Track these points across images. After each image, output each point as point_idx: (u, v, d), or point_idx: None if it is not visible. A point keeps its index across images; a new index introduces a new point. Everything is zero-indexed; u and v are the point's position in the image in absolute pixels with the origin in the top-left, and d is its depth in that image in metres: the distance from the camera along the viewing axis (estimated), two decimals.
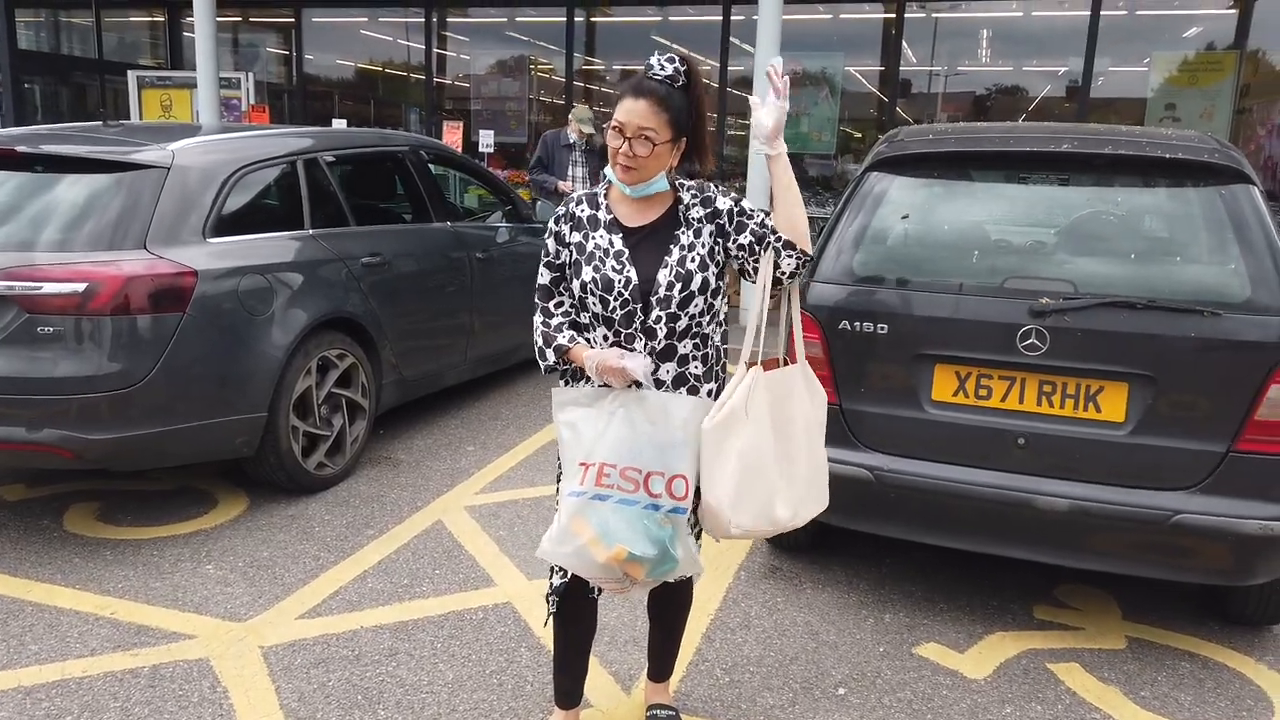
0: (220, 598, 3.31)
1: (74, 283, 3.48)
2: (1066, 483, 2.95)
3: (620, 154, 2.15)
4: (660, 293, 2.18)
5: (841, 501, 3.20)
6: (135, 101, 11.70)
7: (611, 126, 2.16)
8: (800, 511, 2.32)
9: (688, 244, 2.22)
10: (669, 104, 2.13)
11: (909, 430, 3.14)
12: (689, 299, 2.20)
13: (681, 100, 2.15)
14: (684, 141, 2.21)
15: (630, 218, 2.27)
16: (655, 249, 2.23)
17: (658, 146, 2.14)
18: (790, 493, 2.28)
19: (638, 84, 2.14)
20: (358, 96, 14.19)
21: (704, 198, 2.27)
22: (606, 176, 2.29)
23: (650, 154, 2.14)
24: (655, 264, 2.21)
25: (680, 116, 2.15)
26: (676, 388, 2.25)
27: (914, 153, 3.36)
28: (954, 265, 3.19)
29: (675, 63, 2.15)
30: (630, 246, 2.23)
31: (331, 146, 4.82)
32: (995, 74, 12.21)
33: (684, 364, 2.26)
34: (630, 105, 2.13)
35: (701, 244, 2.23)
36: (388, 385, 4.76)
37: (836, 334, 3.20)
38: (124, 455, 3.64)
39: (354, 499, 4.22)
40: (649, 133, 2.12)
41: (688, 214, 2.25)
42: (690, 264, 2.20)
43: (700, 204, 2.25)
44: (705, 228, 2.24)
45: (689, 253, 2.21)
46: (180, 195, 3.85)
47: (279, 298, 4.06)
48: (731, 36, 11.55)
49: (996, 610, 3.34)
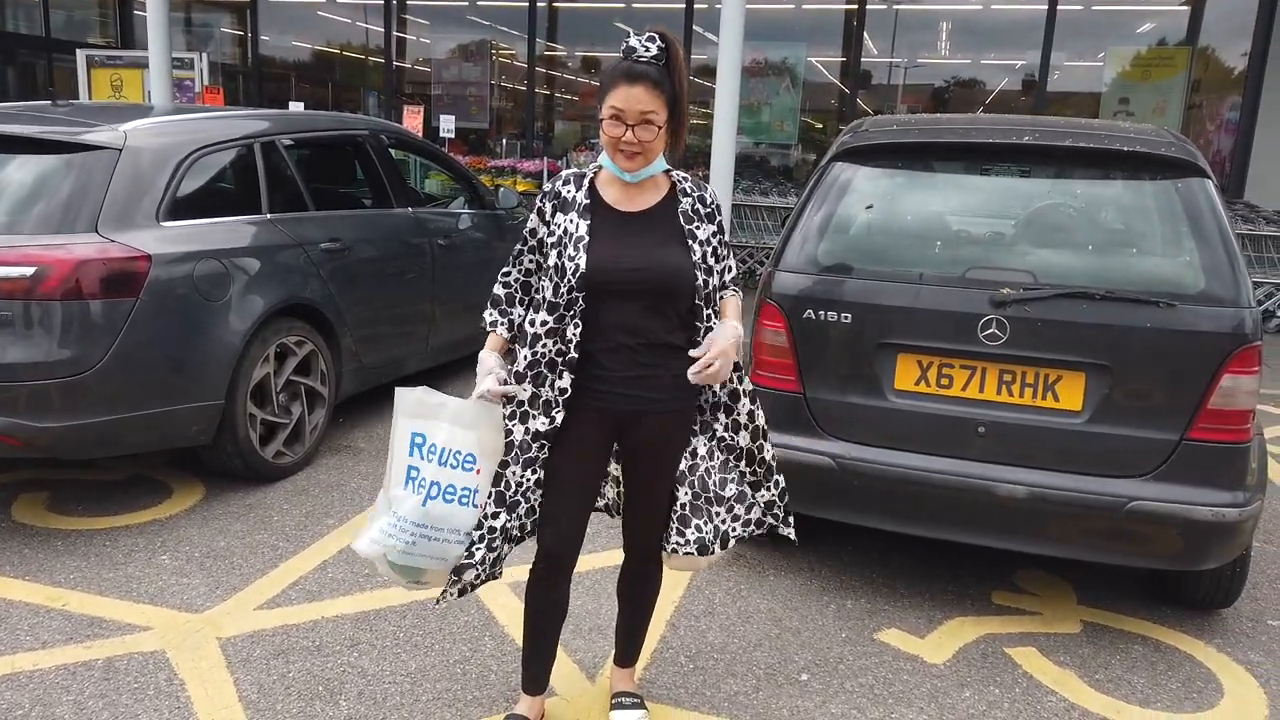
0: (176, 588, 3.25)
1: (22, 266, 3.37)
2: (1025, 470, 3.00)
3: (624, 142, 2.14)
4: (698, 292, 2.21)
5: (805, 490, 3.26)
6: (84, 81, 11.38)
7: (609, 115, 2.13)
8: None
9: (703, 238, 2.25)
10: (663, 85, 2.13)
11: (872, 419, 3.17)
12: (714, 293, 2.28)
13: (669, 78, 2.16)
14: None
15: (623, 202, 2.25)
16: (661, 242, 2.21)
17: (657, 129, 2.14)
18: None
19: (630, 69, 2.13)
20: (315, 79, 13.96)
21: (702, 196, 2.29)
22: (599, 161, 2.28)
23: (655, 138, 2.15)
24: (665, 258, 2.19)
25: (672, 95, 2.16)
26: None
27: (878, 143, 3.37)
28: (916, 255, 3.22)
29: (658, 41, 2.15)
30: (627, 234, 2.21)
31: (290, 129, 4.72)
32: (954, 66, 12.36)
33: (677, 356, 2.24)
34: (628, 92, 2.11)
35: (705, 239, 2.26)
36: (348, 373, 4.69)
37: (800, 322, 3.21)
38: (75, 443, 3.55)
39: (313, 488, 4.16)
40: (651, 115, 2.12)
41: (694, 207, 2.27)
42: (710, 259, 2.25)
43: (700, 201, 2.28)
44: (709, 226, 2.28)
45: (704, 248, 2.25)
46: (133, 177, 3.75)
47: (236, 283, 3.98)
48: (694, 25, 11.54)
49: (956, 596, 3.39)
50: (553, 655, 2.52)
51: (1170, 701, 2.82)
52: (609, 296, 2.17)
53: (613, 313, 2.18)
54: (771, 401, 3.28)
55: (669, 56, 2.16)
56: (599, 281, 2.16)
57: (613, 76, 2.14)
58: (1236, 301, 2.87)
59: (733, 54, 8.04)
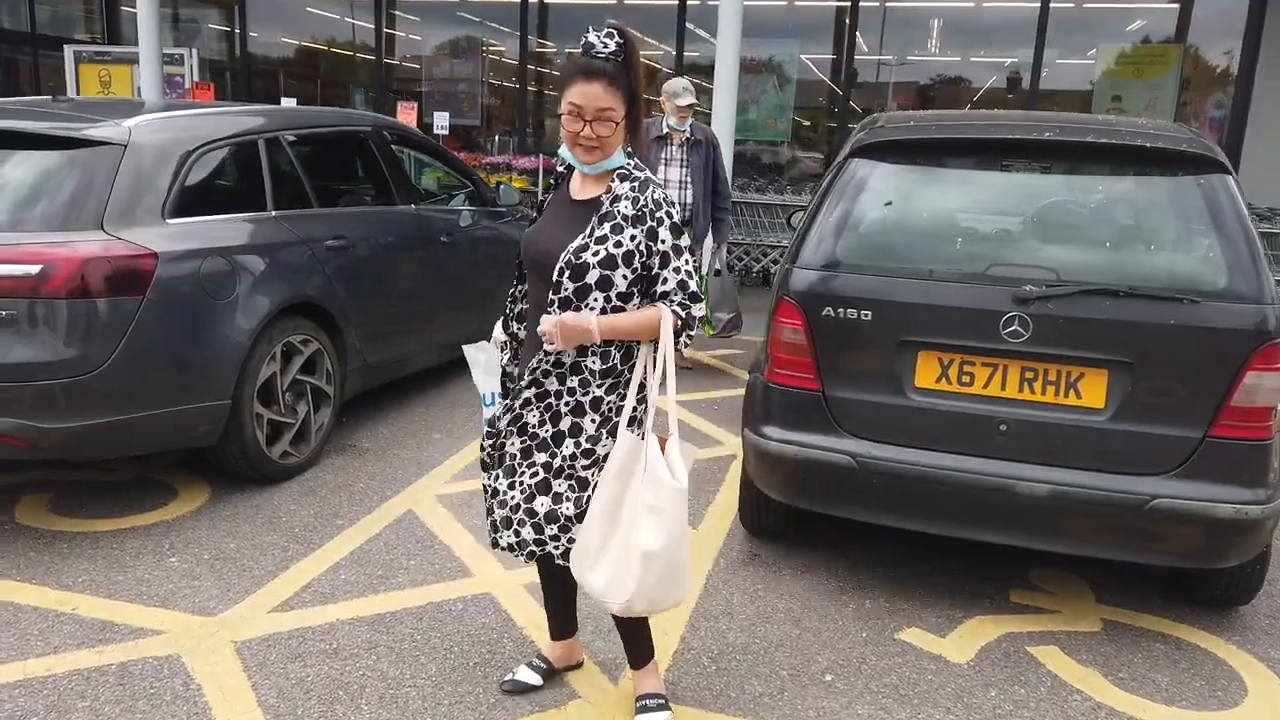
0: (187, 591, 3.20)
1: (27, 264, 3.31)
2: (1047, 468, 2.99)
3: (582, 137, 2.18)
4: (552, 276, 2.23)
5: (824, 488, 3.25)
6: (72, 77, 11.24)
7: (567, 111, 2.18)
8: (608, 593, 2.27)
9: (597, 235, 2.21)
10: (620, 80, 2.18)
11: (892, 417, 3.15)
12: (584, 291, 2.21)
13: (624, 74, 2.19)
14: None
15: (576, 190, 2.35)
16: (572, 230, 2.26)
17: (616, 124, 2.19)
18: (603, 568, 2.27)
19: (587, 65, 2.16)
20: (303, 75, 13.83)
21: (637, 198, 2.22)
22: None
23: (612, 133, 2.19)
24: (561, 244, 2.25)
25: (628, 89, 2.19)
26: (573, 374, 2.28)
27: (896, 139, 3.35)
28: (937, 252, 3.20)
29: (615, 38, 2.18)
30: (558, 218, 2.32)
31: (294, 125, 4.66)
32: (945, 64, 12.36)
33: (582, 353, 2.27)
34: (585, 88, 2.15)
35: (617, 242, 2.20)
36: (353, 372, 4.64)
37: (819, 320, 3.19)
38: (82, 444, 3.49)
39: (321, 488, 4.11)
40: (609, 112, 2.17)
41: (613, 205, 2.23)
42: (590, 255, 2.20)
43: (631, 203, 2.22)
44: (628, 229, 2.21)
45: (593, 244, 2.20)
46: (138, 174, 3.69)
47: (242, 282, 3.92)
48: (687, 22, 11.50)
49: (974, 594, 3.38)
50: (570, 607, 2.70)
51: (1195, 699, 2.81)
52: (533, 276, 2.35)
53: (534, 290, 2.36)
54: (789, 400, 3.28)
55: (627, 53, 2.19)
56: (525, 259, 2.37)
57: (570, 72, 2.19)
58: (1259, 298, 2.86)
59: (731, 52, 8.02)
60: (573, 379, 2.29)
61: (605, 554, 2.27)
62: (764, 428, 3.31)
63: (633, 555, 2.22)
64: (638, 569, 2.21)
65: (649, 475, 2.24)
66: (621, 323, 2.24)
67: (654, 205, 2.24)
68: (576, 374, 2.29)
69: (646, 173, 2.30)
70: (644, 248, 2.22)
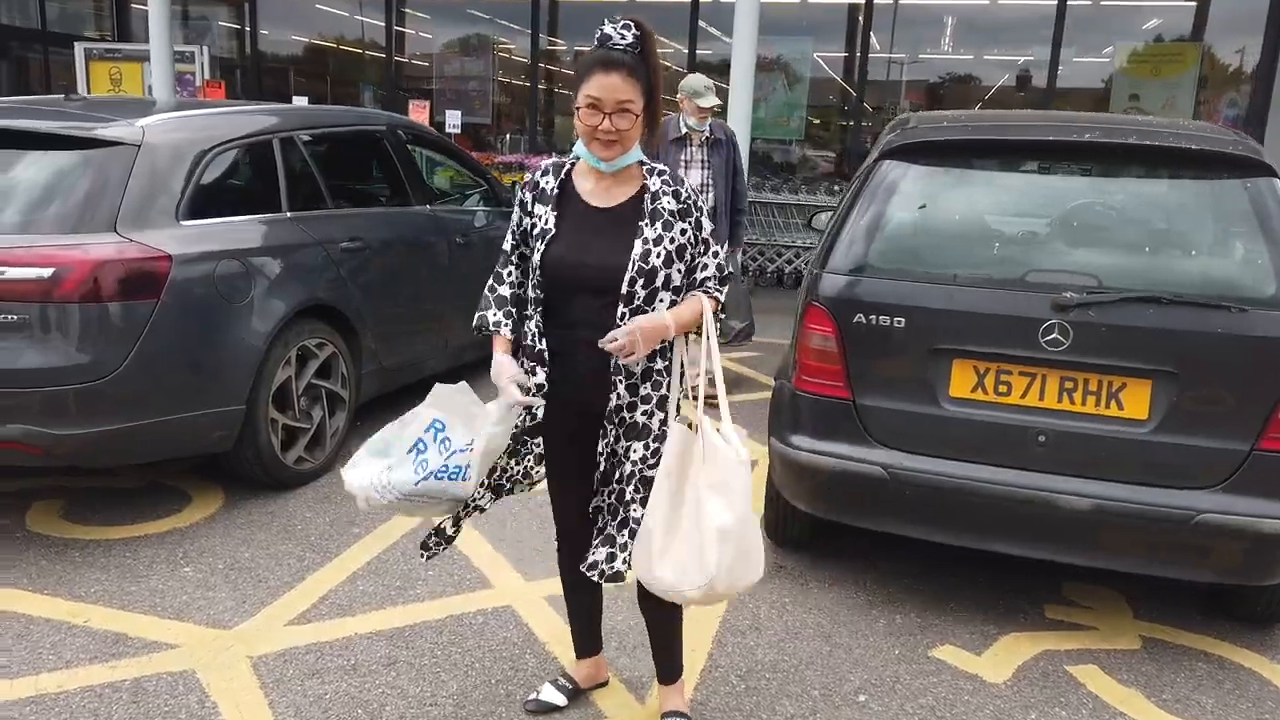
0: (202, 603, 3.12)
1: (39, 267, 3.24)
2: (1088, 481, 2.90)
3: (601, 130, 2.11)
4: (624, 289, 2.15)
5: (855, 500, 3.17)
6: (82, 75, 11.19)
7: (585, 104, 2.11)
8: (681, 582, 2.13)
9: (653, 237, 2.17)
10: (638, 72, 2.12)
11: (925, 427, 3.06)
12: (653, 295, 2.18)
13: (643, 66, 2.13)
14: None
15: (597, 195, 2.24)
16: (621, 238, 2.19)
17: (633, 116, 2.12)
18: (673, 556, 2.15)
19: (605, 57, 2.11)
20: (313, 73, 13.78)
21: (676, 191, 2.22)
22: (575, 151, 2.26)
23: (632, 126, 2.13)
24: (619, 254, 2.17)
25: (646, 82, 2.14)
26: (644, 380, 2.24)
27: (928, 140, 3.26)
28: (973, 257, 3.11)
29: (633, 29, 2.11)
30: (590, 229, 2.21)
31: (308, 125, 4.59)
32: (959, 62, 12.24)
33: (651, 359, 2.24)
34: (603, 80, 2.09)
35: (671, 239, 2.19)
36: (368, 375, 4.57)
37: (850, 327, 3.10)
38: (95, 451, 3.42)
39: (336, 495, 4.03)
40: (628, 104, 2.10)
41: (656, 204, 2.20)
42: (655, 259, 2.17)
43: (673, 196, 2.21)
44: (678, 224, 2.20)
45: (654, 247, 2.17)
46: (151, 175, 3.62)
47: (257, 284, 3.85)
48: (700, 20, 11.40)
49: (1007, 610, 3.29)
50: (596, 622, 2.64)
51: None
52: (572, 292, 2.21)
53: (579, 308, 2.21)
54: (818, 408, 3.19)
55: (644, 45, 2.13)
56: (561, 276, 2.20)
57: (588, 64, 2.13)
58: None
59: (747, 50, 7.93)
60: (645, 385, 2.25)
61: (672, 545, 2.16)
62: (792, 437, 3.22)
63: (707, 538, 2.11)
64: (715, 550, 2.10)
65: (710, 456, 2.17)
66: (684, 314, 2.23)
67: (694, 195, 2.26)
68: (648, 379, 2.25)
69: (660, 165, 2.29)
70: (693, 239, 2.23)
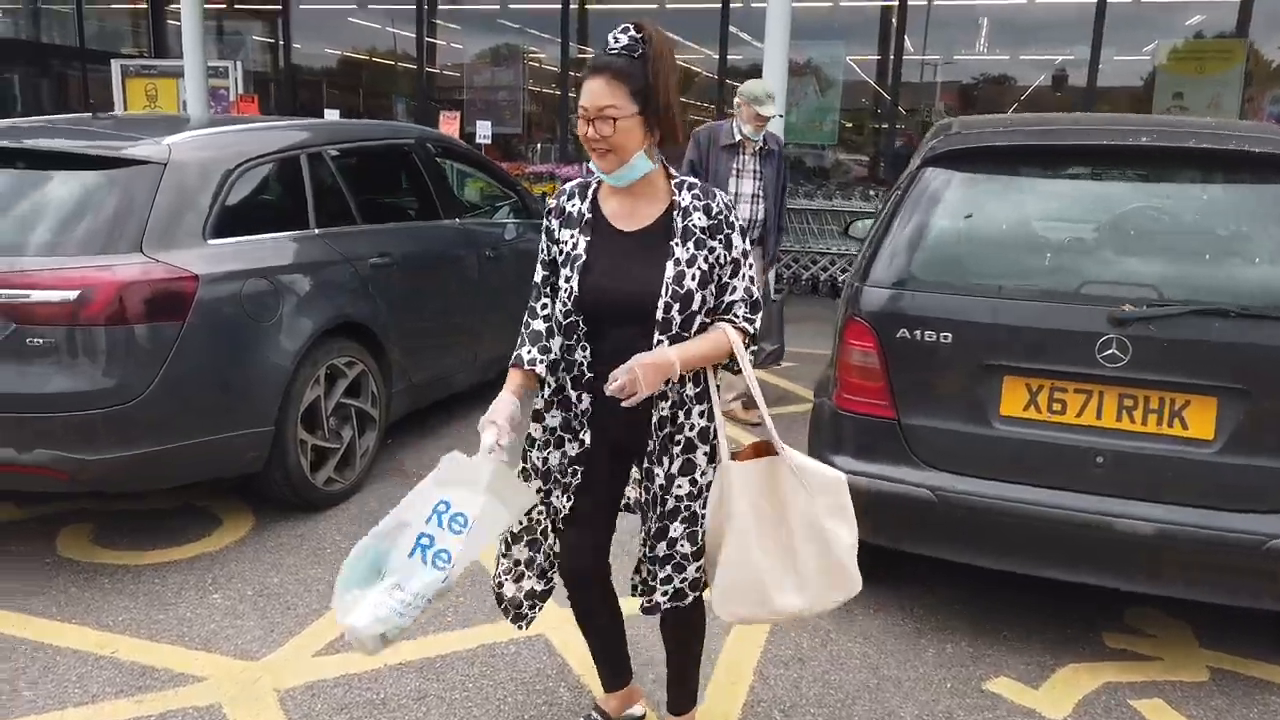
0: (230, 632, 3.06)
1: (65, 290, 3.20)
2: (1150, 505, 2.74)
3: (588, 139, 2.03)
4: (659, 315, 2.04)
5: (900, 523, 3.03)
6: (119, 91, 11.33)
7: (579, 113, 2.04)
8: (819, 601, 2.21)
9: (686, 258, 2.06)
10: (627, 75, 1.99)
11: (975, 447, 2.92)
12: (690, 320, 2.08)
13: (641, 70, 2.00)
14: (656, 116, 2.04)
15: (622, 218, 2.13)
16: (652, 261, 2.06)
17: (620, 122, 1.99)
18: (798, 583, 2.16)
19: (594, 61, 2.02)
20: (346, 86, 13.85)
21: (707, 206, 2.10)
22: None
23: (615, 132, 2.00)
24: (651, 278, 2.05)
25: (642, 87, 2.00)
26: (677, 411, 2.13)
27: (973, 147, 3.12)
28: (1023, 268, 2.96)
29: (630, 32, 2.00)
30: (620, 253, 2.10)
31: (336, 139, 4.54)
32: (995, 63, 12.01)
33: (682, 386, 2.12)
34: (589, 85, 2.01)
35: (704, 258, 2.07)
36: (398, 393, 4.50)
37: (894, 343, 2.97)
38: (123, 476, 3.38)
39: (366, 516, 3.96)
40: (609, 110, 1.99)
41: (686, 221, 2.08)
42: (690, 281, 2.06)
43: (704, 212, 2.09)
44: (709, 241, 2.08)
45: (688, 268, 2.06)
46: (178, 193, 3.57)
47: (285, 303, 3.79)
48: (730, 25, 11.29)
49: (1065, 638, 3.13)
50: (618, 655, 2.51)
51: None
52: (607, 320, 2.11)
53: (615, 336, 2.11)
54: (860, 427, 3.06)
55: (645, 48, 2.00)
56: (595, 305, 2.10)
57: (584, 72, 2.05)
58: None
59: (779, 55, 7.81)
60: (679, 416, 2.14)
61: (802, 576, 2.16)
62: (833, 457, 3.08)
63: (842, 559, 2.17)
64: (851, 565, 2.19)
65: (811, 482, 2.16)
66: (694, 351, 2.07)
67: (725, 210, 2.12)
68: (680, 408, 2.13)
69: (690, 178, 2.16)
70: (722, 258, 2.11)
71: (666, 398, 2.11)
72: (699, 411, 2.15)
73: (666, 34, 2.04)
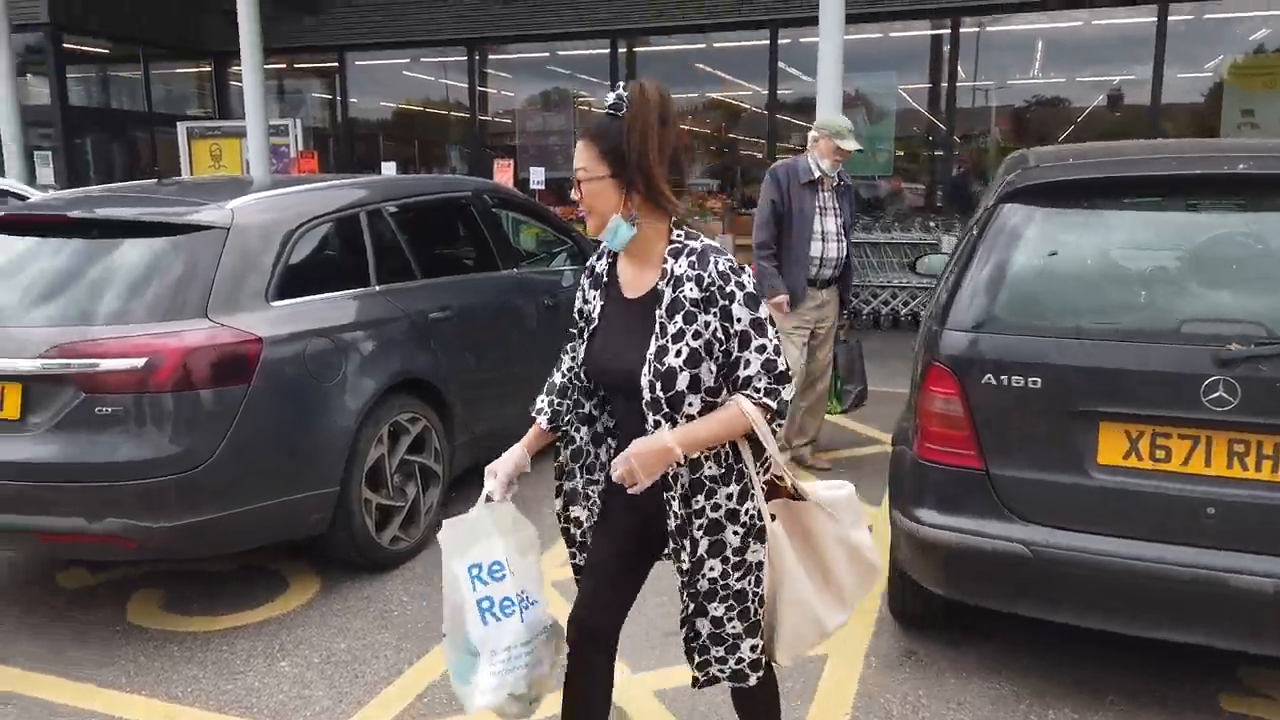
0: (298, 702, 2.99)
1: (133, 358, 3.21)
2: (1269, 558, 2.53)
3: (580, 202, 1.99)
4: (645, 394, 1.93)
5: (991, 581, 2.85)
6: (185, 152, 11.67)
7: None
8: (854, 603, 2.22)
9: (673, 333, 1.92)
10: (600, 136, 1.93)
11: (1071, 499, 2.74)
12: (678, 400, 1.92)
13: (616, 131, 1.91)
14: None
15: (629, 283, 2.05)
16: (642, 333, 1.97)
17: (588, 185, 1.94)
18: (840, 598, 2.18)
19: (583, 121, 1.91)
20: (401, 138, 14.12)
21: (699, 275, 1.91)
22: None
23: (589, 195, 1.95)
24: (638, 352, 1.94)
25: (614, 148, 1.91)
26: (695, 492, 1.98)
27: (1054, 180, 2.98)
28: (1115, 308, 2.80)
29: (619, 91, 1.92)
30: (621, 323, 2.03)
31: (394, 196, 4.55)
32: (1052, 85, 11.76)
33: (697, 469, 1.97)
34: (577, 147, 1.97)
35: (695, 333, 1.91)
36: (460, 446, 4.45)
37: (978, 389, 2.82)
38: (191, 543, 3.36)
39: (432, 575, 3.89)
40: (580, 171, 1.95)
41: (677, 292, 1.93)
42: (674, 358, 1.91)
43: (695, 283, 1.91)
44: (702, 316, 1.91)
45: (673, 344, 1.92)
46: (241, 256, 3.59)
47: (348, 362, 3.77)
48: (779, 61, 11.26)
49: (1175, 700, 2.91)
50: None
51: None
52: (609, 390, 2.09)
53: (622, 406, 2.08)
54: (945, 478, 2.91)
55: (628, 108, 1.89)
56: (595, 376, 2.08)
57: None
58: None
59: (832, 89, 7.71)
60: (698, 498, 1.99)
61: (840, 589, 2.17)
62: (917, 510, 2.94)
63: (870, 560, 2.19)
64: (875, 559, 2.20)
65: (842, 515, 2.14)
66: (699, 433, 1.92)
67: (720, 279, 1.91)
68: (699, 490, 1.99)
69: (703, 240, 1.98)
70: (721, 333, 1.92)
71: (679, 479, 1.98)
72: (726, 494, 1.99)
73: (663, 94, 1.90)
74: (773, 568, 2.07)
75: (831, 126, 4.77)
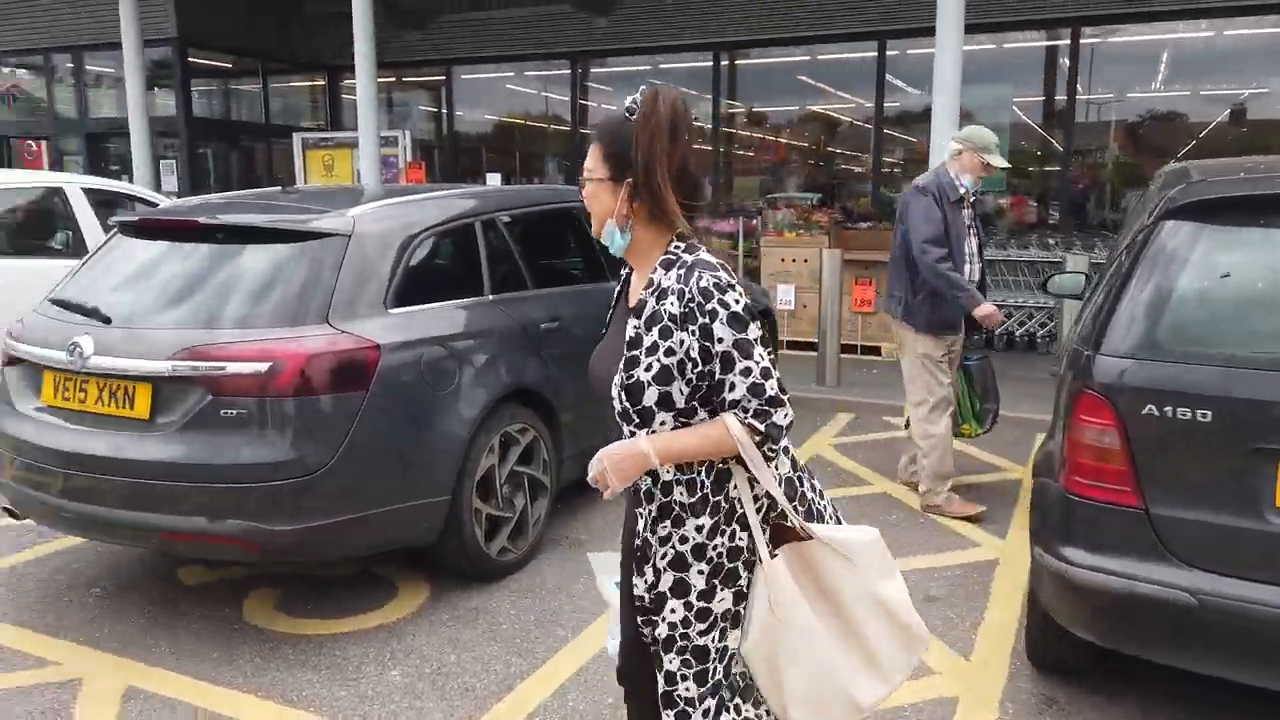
0: (410, 714, 2.95)
1: (258, 362, 3.24)
2: None
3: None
4: (615, 404, 1.84)
5: (1152, 630, 2.63)
6: (299, 162, 12.05)
7: None
8: (896, 673, 1.99)
9: (647, 344, 1.79)
10: (609, 137, 1.85)
11: (1245, 544, 2.50)
12: (647, 415, 1.79)
13: (622, 134, 1.82)
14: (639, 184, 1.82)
15: (632, 292, 1.95)
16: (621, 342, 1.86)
17: (589, 184, 1.88)
18: (874, 669, 1.95)
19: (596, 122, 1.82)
20: (503, 150, 14.32)
21: (681, 290, 1.76)
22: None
23: (592, 198, 1.88)
24: (614, 361, 1.87)
25: (620, 150, 1.82)
26: (662, 518, 1.85)
27: (1224, 196, 2.75)
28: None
29: (635, 96, 1.82)
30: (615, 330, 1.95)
31: (507, 206, 4.53)
32: (1175, 99, 11.17)
33: (668, 491, 1.84)
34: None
35: (668, 349, 1.77)
36: (568, 459, 4.38)
37: (1138, 420, 2.60)
38: (309, 547, 3.37)
39: (539, 588, 3.84)
40: (585, 172, 1.89)
41: (660, 304, 1.80)
42: (643, 372, 1.79)
43: (677, 297, 1.77)
44: (678, 333, 1.77)
45: (646, 356, 1.79)
46: (361, 264, 3.60)
47: (462, 371, 3.75)
48: (886, 73, 11.00)
49: None
50: None
51: None
52: (601, 400, 1.94)
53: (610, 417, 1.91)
54: (1099, 516, 2.69)
55: (641, 109, 1.79)
56: (592, 382, 1.98)
57: None
58: None
59: (949, 102, 7.46)
60: (664, 524, 1.85)
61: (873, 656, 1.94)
62: (1064, 549, 2.73)
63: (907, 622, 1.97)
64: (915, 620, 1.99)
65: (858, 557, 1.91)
66: (679, 443, 1.78)
67: (702, 296, 1.75)
68: (666, 515, 1.85)
69: (699, 253, 1.83)
70: (698, 353, 1.76)
71: (653, 498, 1.85)
72: (696, 525, 1.83)
73: (677, 105, 1.79)
74: (774, 616, 1.83)
75: (979, 140, 4.43)
